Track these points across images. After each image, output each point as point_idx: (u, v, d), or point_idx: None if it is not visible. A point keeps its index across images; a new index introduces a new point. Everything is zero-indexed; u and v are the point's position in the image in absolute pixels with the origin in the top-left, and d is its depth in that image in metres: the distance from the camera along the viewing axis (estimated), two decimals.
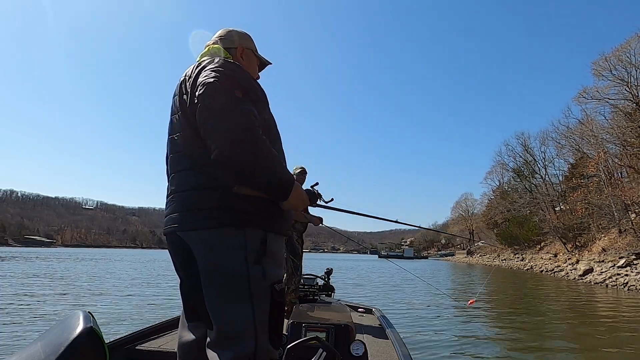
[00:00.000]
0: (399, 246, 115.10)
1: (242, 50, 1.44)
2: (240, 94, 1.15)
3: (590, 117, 28.27)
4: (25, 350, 0.80)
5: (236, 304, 1.12)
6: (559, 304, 10.30)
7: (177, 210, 1.19)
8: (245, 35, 1.48)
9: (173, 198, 1.23)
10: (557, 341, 5.84)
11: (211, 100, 1.09)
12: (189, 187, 1.18)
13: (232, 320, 1.12)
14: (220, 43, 1.42)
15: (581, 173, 29.03)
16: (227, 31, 1.46)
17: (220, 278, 1.12)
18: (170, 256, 1.30)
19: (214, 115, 1.07)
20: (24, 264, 23.02)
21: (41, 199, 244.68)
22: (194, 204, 1.16)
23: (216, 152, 1.07)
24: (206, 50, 1.41)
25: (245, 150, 1.06)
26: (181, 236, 1.17)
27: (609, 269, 16.86)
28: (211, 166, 1.13)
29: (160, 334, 2.50)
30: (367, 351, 2.08)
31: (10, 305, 7.85)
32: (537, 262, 29.12)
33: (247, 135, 1.06)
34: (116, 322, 6.30)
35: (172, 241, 1.24)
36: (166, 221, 1.24)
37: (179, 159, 1.23)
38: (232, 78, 1.17)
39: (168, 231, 1.23)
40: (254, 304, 1.12)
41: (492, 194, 53.79)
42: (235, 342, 1.11)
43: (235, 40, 1.44)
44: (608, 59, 25.72)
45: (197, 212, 1.14)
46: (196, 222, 1.14)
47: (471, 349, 5.15)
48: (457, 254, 69.50)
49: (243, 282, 1.12)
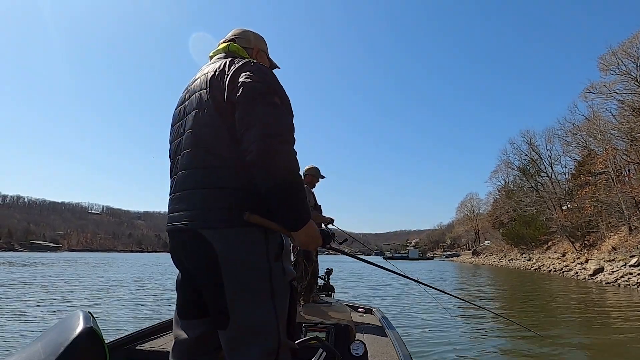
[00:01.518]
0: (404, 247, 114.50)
1: (258, 52, 1.46)
2: (279, 101, 1.15)
3: (597, 113, 27.81)
4: (25, 350, 0.80)
5: (261, 300, 1.13)
6: (568, 304, 9.89)
7: (198, 206, 1.16)
8: (260, 37, 1.50)
9: (191, 194, 1.19)
10: (566, 342, 5.51)
11: (255, 106, 1.10)
12: (215, 185, 1.16)
13: (257, 316, 1.12)
14: (237, 42, 1.42)
15: (588, 170, 28.50)
16: (243, 31, 1.47)
17: (246, 274, 1.13)
18: (174, 252, 1.26)
19: (256, 122, 1.08)
20: (28, 268, 23.13)
21: (47, 204, 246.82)
22: (220, 202, 1.15)
23: (251, 158, 1.08)
24: (224, 46, 1.40)
25: (278, 166, 1.07)
26: (202, 233, 1.14)
27: (620, 268, 16.38)
28: (242, 168, 1.13)
29: (160, 334, 2.47)
30: (367, 351, 2.06)
31: (10, 306, 7.86)
32: (544, 262, 28.65)
33: (285, 148, 1.09)
34: (116, 322, 6.28)
35: (184, 237, 1.19)
36: (178, 217, 1.20)
37: (204, 156, 1.19)
38: (272, 84, 1.18)
39: (183, 227, 1.18)
40: (275, 299, 1.14)
41: (497, 194, 53.40)
42: (261, 337, 1.11)
43: (251, 41, 1.45)
44: (615, 53, 25.25)
45: (223, 210, 1.14)
46: (222, 219, 1.13)
47: (472, 349, 5.02)
48: (463, 255, 68.97)
49: (266, 279, 1.14)
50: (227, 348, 1.14)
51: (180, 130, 1.29)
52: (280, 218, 1.13)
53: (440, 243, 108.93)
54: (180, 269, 1.28)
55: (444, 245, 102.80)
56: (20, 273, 18.53)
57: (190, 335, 1.24)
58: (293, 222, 1.12)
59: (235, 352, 1.12)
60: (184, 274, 1.28)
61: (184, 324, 1.27)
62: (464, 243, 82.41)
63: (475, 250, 62.31)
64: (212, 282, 1.14)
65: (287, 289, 1.19)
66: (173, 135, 1.34)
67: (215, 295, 1.14)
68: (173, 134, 1.35)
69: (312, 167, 3.99)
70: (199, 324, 1.24)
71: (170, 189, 1.29)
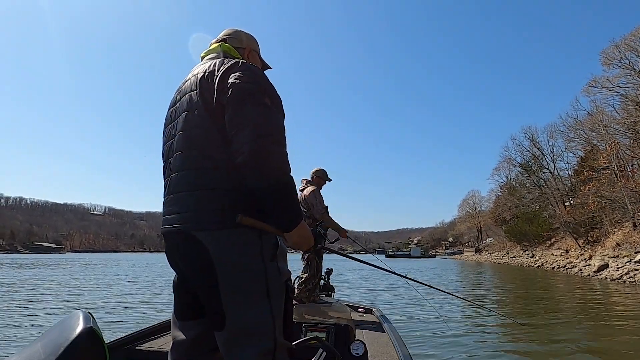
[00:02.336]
0: (406, 245, 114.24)
1: (250, 52, 1.46)
2: (269, 101, 1.15)
3: (600, 108, 27.47)
4: (25, 350, 0.80)
5: (256, 301, 1.12)
6: (573, 302, 9.68)
7: (191, 208, 1.16)
8: (252, 37, 1.50)
9: (184, 196, 1.18)
10: (571, 341, 5.35)
11: (245, 106, 1.10)
12: (207, 186, 1.15)
13: (253, 317, 1.11)
14: (229, 42, 1.41)
15: (591, 166, 28.20)
16: (234, 31, 1.46)
17: (240, 275, 1.12)
18: (169, 254, 1.26)
19: (247, 123, 1.08)
20: (29, 270, 23.21)
21: (50, 206, 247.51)
22: (212, 203, 1.14)
23: (242, 159, 1.07)
24: (215, 46, 1.39)
25: (271, 166, 1.07)
26: (196, 235, 1.13)
27: (625, 264, 16.15)
28: (233, 168, 1.12)
29: (160, 334, 2.46)
30: (367, 351, 2.05)
31: (10, 306, 7.87)
32: (547, 259, 28.43)
33: (277, 148, 1.08)
34: (116, 322, 6.26)
35: (178, 239, 1.19)
36: (172, 219, 1.20)
37: (196, 158, 1.18)
38: (262, 84, 1.17)
39: (177, 229, 1.18)
40: (271, 299, 1.14)
41: (499, 190, 53.03)
42: (257, 338, 1.10)
43: (243, 41, 1.45)
44: (618, 47, 24.91)
45: (216, 212, 1.13)
46: (214, 221, 1.13)
47: (473, 349, 4.95)
48: (465, 252, 68.65)
49: (261, 279, 1.13)
50: (223, 349, 1.14)
51: (172, 132, 1.29)
52: (274, 219, 1.13)
53: (443, 241, 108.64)
54: (176, 270, 1.28)
55: (446, 243, 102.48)
56: (22, 275, 18.58)
57: (187, 336, 1.24)
58: (287, 223, 1.13)
59: (232, 353, 1.12)
60: (180, 275, 1.28)
61: (181, 325, 1.27)
62: (466, 241, 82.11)
63: (478, 247, 61.96)
64: (207, 284, 1.14)
65: (283, 289, 1.19)
66: (165, 136, 1.35)
67: (210, 296, 1.14)
68: (165, 136, 1.35)
69: (320, 170, 4.14)
70: (195, 325, 1.24)
71: (164, 191, 1.29)
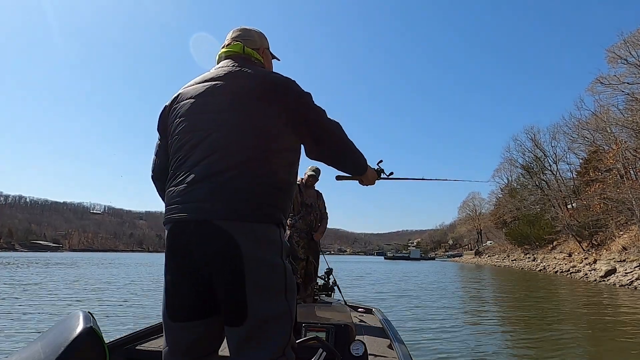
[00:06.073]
0: (406, 247, 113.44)
1: (264, 50, 1.48)
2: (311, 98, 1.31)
3: (605, 108, 26.66)
4: (25, 350, 0.80)
5: (277, 297, 1.14)
6: (583, 310, 8.89)
7: (221, 197, 1.13)
8: (262, 34, 1.51)
9: (208, 185, 1.14)
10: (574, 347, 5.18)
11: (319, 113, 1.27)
12: (241, 179, 1.15)
13: (274, 312, 1.12)
14: (245, 44, 1.41)
15: (596, 167, 27.42)
16: (247, 31, 1.46)
17: (265, 271, 1.13)
18: (178, 245, 1.17)
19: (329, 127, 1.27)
20: (27, 268, 23.11)
21: (49, 204, 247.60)
22: (247, 196, 1.14)
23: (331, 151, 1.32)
24: (237, 47, 1.39)
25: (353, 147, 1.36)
26: (221, 225, 1.10)
27: (635, 269, 15.34)
28: (267, 162, 1.18)
29: (160, 334, 2.34)
30: (367, 351, 2.03)
31: (10, 306, 7.85)
32: (550, 263, 27.61)
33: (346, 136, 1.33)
34: (116, 322, 6.26)
35: (199, 229, 1.12)
36: (190, 207, 1.14)
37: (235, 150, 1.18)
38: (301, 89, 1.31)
39: (202, 218, 1.12)
40: (288, 296, 1.16)
41: (500, 192, 52.23)
42: (275, 334, 1.12)
43: (257, 41, 1.47)
44: (626, 42, 24.12)
45: (251, 204, 1.14)
46: (249, 214, 1.13)
47: (474, 350, 4.92)
48: (465, 255, 67.95)
49: (282, 276, 1.16)
50: (239, 344, 1.11)
51: (197, 124, 1.23)
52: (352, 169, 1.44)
53: (442, 243, 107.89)
54: (183, 263, 1.17)
55: (446, 245, 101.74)
56: (20, 273, 18.50)
57: (188, 339, 1.19)
58: (364, 168, 1.47)
59: (249, 346, 1.10)
60: (187, 270, 1.17)
61: (182, 326, 1.19)
62: (466, 243, 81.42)
63: (478, 250, 61.38)
64: (231, 278, 1.11)
65: (295, 288, 1.20)
66: (186, 126, 1.25)
67: (234, 290, 1.11)
68: (186, 125, 1.25)
69: (316, 167, 4.37)
70: (200, 325, 1.18)
71: (179, 179, 1.20)
